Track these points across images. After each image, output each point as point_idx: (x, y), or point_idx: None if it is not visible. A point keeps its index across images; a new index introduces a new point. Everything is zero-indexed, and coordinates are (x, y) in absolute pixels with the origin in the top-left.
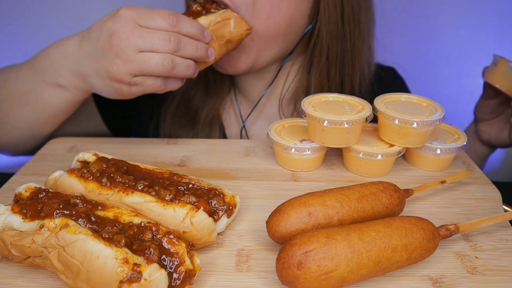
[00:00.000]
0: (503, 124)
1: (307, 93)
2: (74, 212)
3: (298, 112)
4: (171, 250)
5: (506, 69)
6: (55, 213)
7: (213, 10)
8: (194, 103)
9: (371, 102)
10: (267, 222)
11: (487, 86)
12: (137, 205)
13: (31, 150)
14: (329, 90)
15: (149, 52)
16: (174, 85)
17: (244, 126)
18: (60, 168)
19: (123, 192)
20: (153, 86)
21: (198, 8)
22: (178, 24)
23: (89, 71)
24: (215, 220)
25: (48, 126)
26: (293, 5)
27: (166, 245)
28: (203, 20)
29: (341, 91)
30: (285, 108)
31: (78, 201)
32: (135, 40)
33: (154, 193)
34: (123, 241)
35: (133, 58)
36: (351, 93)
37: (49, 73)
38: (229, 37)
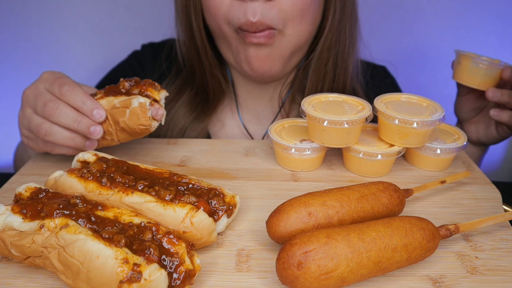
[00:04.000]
0: (488, 120)
1: (303, 89)
2: (74, 212)
3: (298, 108)
4: (171, 250)
5: (472, 66)
6: (55, 213)
7: (134, 92)
8: (180, 123)
9: (362, 98)
10: (267, 222)
11: (459, 84)
12: (137, 205)
13: None
14: (323, 86)
15: (32, 112)
16: (60, 151)
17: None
18: (60, 168)
19: (123, 192)
20: (36, 145)
21: (125, 86)
22: (64, 94)
23: None
24: (215, 220)
25: None
26: (317, 7)
27: (166, 245)
28: (105, 101)
29: (333, 86)
30: (286, 108)
31: (78, 201)
32: (27, 98)
33: (154, 193)
34: (123, 241)
35: (21, 113)
36: (343, 89)
37: None
38: (123, 126)
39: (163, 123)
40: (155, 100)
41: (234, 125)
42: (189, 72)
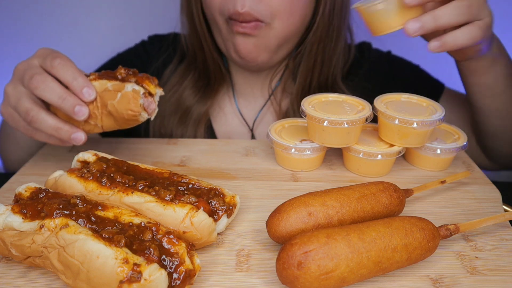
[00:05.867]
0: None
1: (294, 79)
2: (74, 212)
3: (289, 97)
4: (171, 250)
5: (372, 10)
6: (55, 213)
7: (131, 80)
8: (186, 102)
9: (359, 85)
10: (267, 222)
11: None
12: (137, 205)
13: None
14: (313, 76)
15: (24, 92)
16: (41, 138)
17: (252, 128)
18: (60, 168)
19: (123, 192)
20: (16, 125)
21: (122, 73)
22: (55, 67)
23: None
24: (215, 220)
25: (34, 149)
26: (308, 2)
27: (166, 245)
28: (97, 83)
29: (319, 78)
30: (277, 98)
31: (78, 201)
32: (18, 72)
33: (154, 193)
34: (123, 241)
35: (10, 87)
36: (328, 81)
37: None
38: (111, 110)
39: (152, 118)
40: (150, 94)
41: (230, 110)
42: (192, 58)
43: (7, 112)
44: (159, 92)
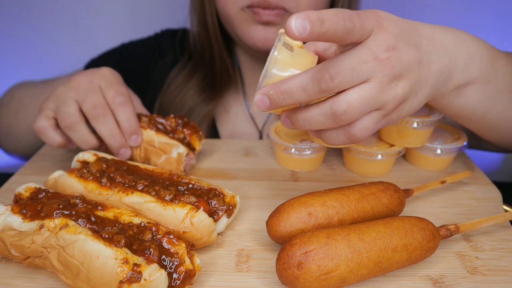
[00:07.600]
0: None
1: None
2: (74, 212)
3: None
4: (171, 250)
5: None
6: (55, 213)
7: (176, 137)
8: (189, 103)
9: None
10: (267, 222)
11: None
12: (137, 205)
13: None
14: None
15: (75, 104)
16: (81, 138)
17: (261, 130)
18: (60, 168)
19: (123, 192)
20: (51, 132)
21: (173, 124)
22: (116, 104)
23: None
24: (215, 220)
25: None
26: None
27: (166, 245)
28: (146, 132)
29: None
30: None
31: (78, 201)
32: (78, 85)
33: (154, 193)
34: (123, 241)
35: (62, 90)
36: None
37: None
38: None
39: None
40: (193, 149)
41: (238, 111)
42: (200, 56)
43: (46, 114)
44: (202, 143)
